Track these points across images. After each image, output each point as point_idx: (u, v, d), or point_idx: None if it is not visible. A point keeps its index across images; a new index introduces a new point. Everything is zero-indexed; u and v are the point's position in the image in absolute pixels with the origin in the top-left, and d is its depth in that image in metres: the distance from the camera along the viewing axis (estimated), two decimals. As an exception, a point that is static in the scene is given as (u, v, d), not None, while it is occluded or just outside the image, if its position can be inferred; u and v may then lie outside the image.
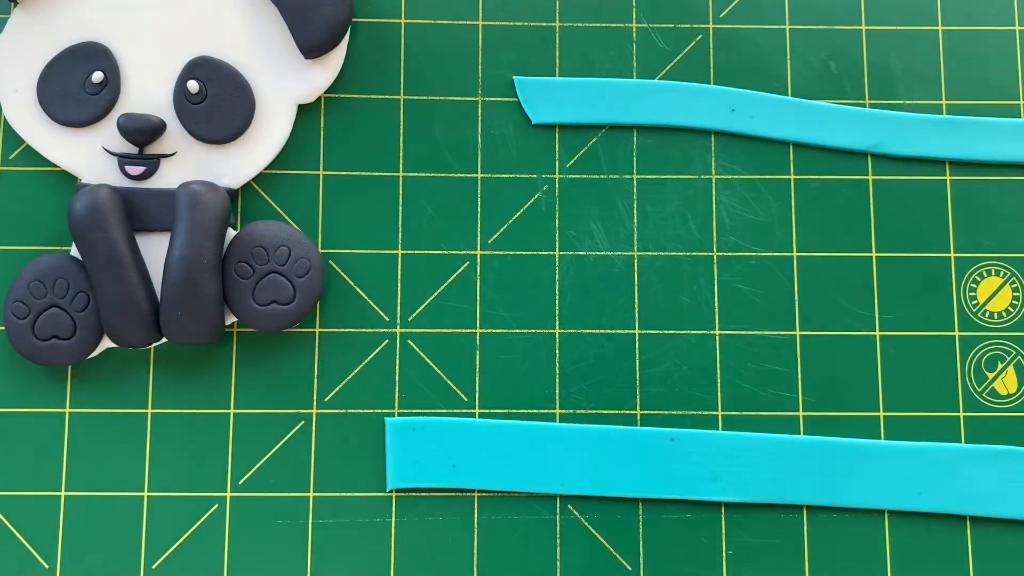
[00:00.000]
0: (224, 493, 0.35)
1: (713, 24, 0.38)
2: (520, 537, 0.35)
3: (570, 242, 0.37)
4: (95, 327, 0.35)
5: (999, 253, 0.37)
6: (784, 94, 0.38)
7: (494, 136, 0.37)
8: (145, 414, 0.36)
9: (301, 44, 0.36)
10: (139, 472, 0.35)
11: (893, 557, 0.35)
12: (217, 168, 0.36)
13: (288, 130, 0.37)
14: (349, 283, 0.36)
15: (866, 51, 0.38)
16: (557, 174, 0.37)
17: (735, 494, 0.35)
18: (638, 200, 0.37)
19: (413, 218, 0.37)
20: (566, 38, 0.38)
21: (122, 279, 0.34)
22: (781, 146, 0.38)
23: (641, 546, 0.35)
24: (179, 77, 0.36)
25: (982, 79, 0.38)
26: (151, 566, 0.35)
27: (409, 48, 0.38)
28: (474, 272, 0.37)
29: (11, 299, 0.35)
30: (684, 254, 0.37)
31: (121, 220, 0.34)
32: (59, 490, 0.35)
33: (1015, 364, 0.36)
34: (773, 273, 0.37)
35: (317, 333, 0.36)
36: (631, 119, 0.37)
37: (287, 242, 0.35)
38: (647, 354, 0.36)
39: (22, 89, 0.36)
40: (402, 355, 0.36)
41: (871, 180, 0.37)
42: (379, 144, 0.37)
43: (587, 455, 0.35)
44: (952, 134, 0.37)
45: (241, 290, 0.35)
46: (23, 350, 0.34)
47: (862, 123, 0.37)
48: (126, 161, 0.36)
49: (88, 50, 0.36)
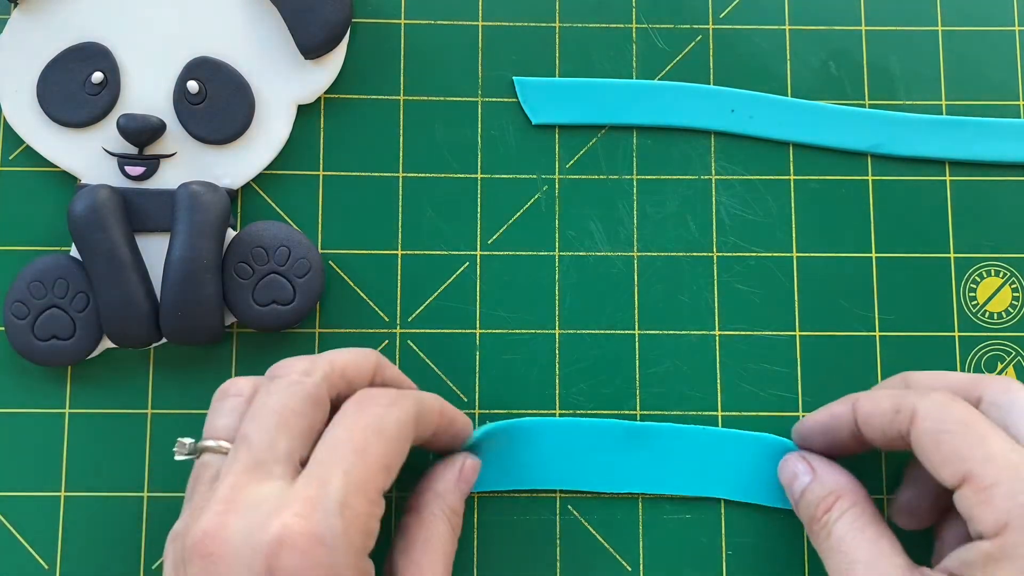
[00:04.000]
0: (224, 493, 0.35)
1: (713, 24, 0.38)
2: (520, 537, 0.35)
3: (570, 242, 0.37)
4: (95, 327, 0.35)
5: (999, 253, 0.37)
6: (784, 94, 0.38)
7: (494, 136, 0.37)
8: (145, 414, 0.36)
9: (301, 44, 0.36)
10: (139, 472, 0.35)
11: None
12: (217, 168, 0.36)
13: (288, 130, 0.37)
14: (349, 283, 0.36)
15: (866, 51, 0.38)
16: (557, 174, 0.37)
17: (735, 493, 0.35)
18: (638, 200, 0.37)
19: (413, 218, 0.37)
20: (566, 38, 0.38)
21: (122, 279, 0.34)
22: (781, 146, 0.38)
23: (641, 546, 0.35)
24: (179, 77, 0.36)
25: (982, 79, 0.38)
26: (151, 566, 0.35)
27: (409, 48, 0.38)
28: (474, 272, 0.37)
29: (11, 299, 0.35)
30: (684, 254, 0.37)
31: (121, 220, 0.34)
32: (59, 490, 0.35)
33: (1015, 365, 0.36)
34: (773, 273, 0.37)
35: (317, 333, 0.36)
36: (631, 119, 0.37)
37: (287, 242, 0.35)
38: (647, 354, 0.36)
39: (22, 89, 0.36)
40: (402, 355, 0.36)
41: (871, 180, 0.37)
42: (379, 144, 0.37)
43: (587, 451, 0.35)
44: (952, 134, 0.37)
45: (241, 290, 0.35)
46: (23, 350, 0.34)
47: (862, 123, 0.37)
48: (126, 161, 0.36)
49: (88, 50, 0.36)
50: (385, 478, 0.27)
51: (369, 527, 0.26)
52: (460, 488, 0.32)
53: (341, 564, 0.25)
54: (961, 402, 0.29)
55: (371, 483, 0.26)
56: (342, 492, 0.26)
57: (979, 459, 0.27)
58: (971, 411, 0.28)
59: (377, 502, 0.27)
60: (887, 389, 0.32)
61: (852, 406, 0.31)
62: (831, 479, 0.32)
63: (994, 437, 0.27)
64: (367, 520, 0.26)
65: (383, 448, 0.27)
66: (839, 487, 0.31)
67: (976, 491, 0.27)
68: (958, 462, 0.27)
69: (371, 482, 0.26)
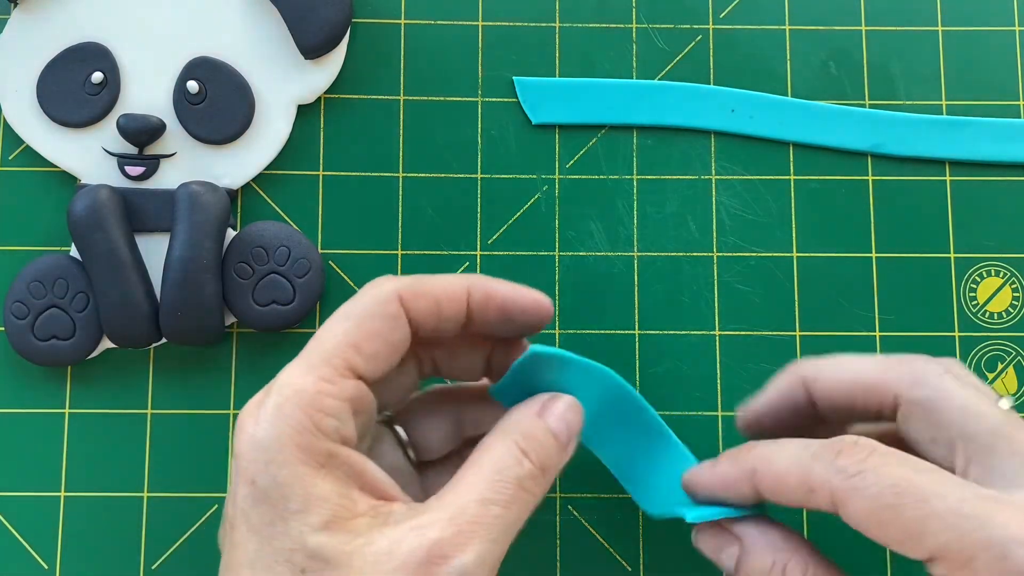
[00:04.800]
0: (223, 494, 0.35)
1: (713, 24, 0.38)
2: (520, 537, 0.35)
3: (570, 243, 0.37)
4: (95, 327, 0.35)
5: (999, 253, 0.37)
6: (784, 94, 0.38)
7: (494, 136, 0.37)
8: (145, 414, 0.36)
9: (301, 44, 0.36)
10: (139, 472, 0.35)
11: (893, 557, 0.35)
12: (217, 168, 0.36)
13: (288, 130, 0.37)
14: (349, 283, 0.36)
15: (866, 51, 0.38)
16: (557, 174, 0.37)
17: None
18: (638, 200, 0.37)
19: (413, 218, 0.37)
20: (566, 38, 0.38)
21: (122, 279, 0.34)
22: (781, 146, 0.38)
23: (641, 546, 0.35)
24: (179, 77, 0.36)
25: (982, 79, 0.38)
26: (151, 566, 0.35)
27: (409, 48, 0.38)
28: (474, 272, 0.37)
29: (11, 299, 0.35)
30: (684, 254, 0.37)
31: (121, 220, 0.34)
32: (59, 491, 0.35)
33: (1015, 365, 0.36)
34: (773, 273, 0.37)
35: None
36: (631, 119, 0.37)
37: (287, 242, 0.35)
38: (647, 354, 0.36)
39: (22, 89, 0.36)
40: (402, 355, 0.36)
41: (871, 180, 0.37)
42: (379, 144, 0.37)
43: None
44: (952, 134, 0.37)
45: (241, 290, 0.35)
46: (23, 350, 0.34)
47: (862, 123, 0.37)
48: (126, 161, 0.36)
49: (88, 50, 0.36)
50: (352, 354, 0.25)
51: (317, 403, 0.24)
52: (545, 423, 0.26)
53: (274, 450, 0.23)
54: (876, 454, 0.24)
55: (323, 362, 0.25)
56: (282, 376, 0.25)
57: (937, 531, 0.23)
58: (895, 464, 0.24)
59: (332, 379, 0.25)
60: (785, 444, 0.26)
61: (800, 379, 0.28)
62: (764, 545, 0.27)
63: (937, 494, 0.23)
64: (312, 397, 0.24)
65: (344, 326, 0.26)
66: (779, 551, 0.26)
67: (954, 570, 0.23)
68: (915, 541, 0.23)
69: (323, 361, 0.25)
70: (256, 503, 0.24)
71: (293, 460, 0.24)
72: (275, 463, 0.24)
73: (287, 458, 0.24)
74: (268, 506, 0.23)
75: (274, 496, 0.23)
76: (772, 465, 0.26)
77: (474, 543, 0.24)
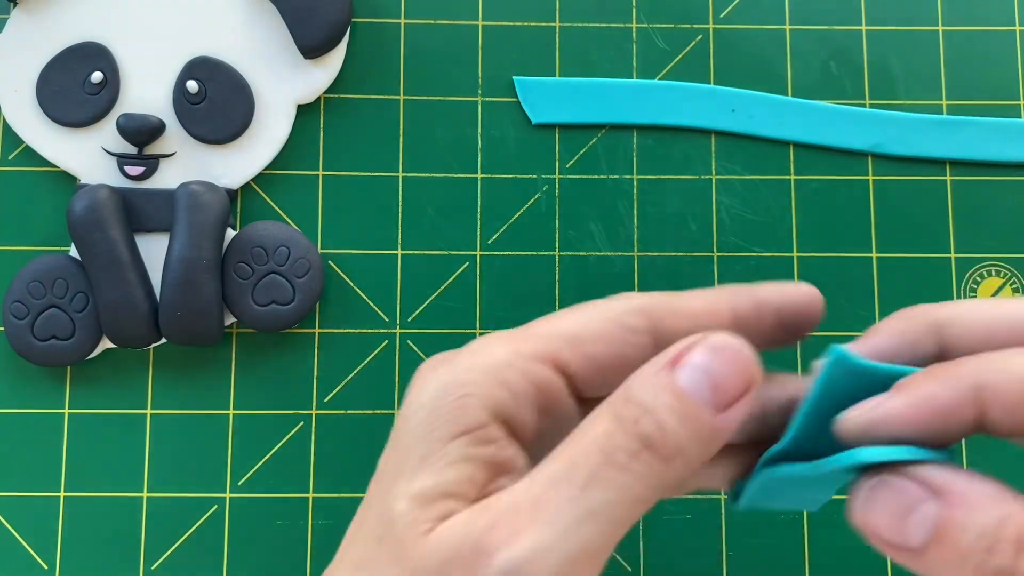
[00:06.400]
0: (224, 494, 0.35)
1: (713, 24, 0.38)
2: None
3: (570, 243, 0.37)
4: (94, 327, 0.35)
5: (999, 253, 0.37)
6: (784, 94, 0.38)
7: (494, 136, 0.37)
8: (144, 414, 0.35)
9: (301, 44, 0.36)
10: (139, 472, 0.35)
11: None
12: (216, 168, 0.36)
13: (287, 130, 0.37)
14: (349, 283, 0.36)
15: (866, 51, 0.38)
16: (557, 174, 0.37)
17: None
18: (638, 200, 0.37)
19: (413, 218, 0.37)
20: (566, 38, 0.38)
21: (121, 279, 0.34)
22: (781, 146, 0.38)
23: (641, 546, 0.35)
24: (178, 77, 0.36)
25: (982, 79, 0.38)
26: (151, 566, 0.35)
27: (409, 48, 0.38)
28: (474, 272, 0.37)
29: (10, 299, 0.35)
30: (684, 254, 0.37)
31: (120, 220, 0.34)
32: (58, 491, 0.35)
33: (1015, 364, 0.36)
34: (773, 273, 0.37)
35: (316, 333, 0.36)
36: (631, 119, 0.37)
37: (286, 242, 0.35)
38: (647, 354, 0.36)
39: (22, 89, 0.36)
40: (402, 355, 0.36)
41: (871, 180, 0.37)
42: (379, 144, 0.37)
43: None
44: (952, 134, 0.37)
45: (241, 290, 0.35)
46: (22, 350, 0.34)
47: (862, 123, 0.37)
48: (125, 161, 0.35)
49: (87, 50, 0.36)
50: (561, 345, 0.22)
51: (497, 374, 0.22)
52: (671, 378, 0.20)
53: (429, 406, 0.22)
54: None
55: (527, 339, 0.23)
56: (483, 339, 0.23)
57: None
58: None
59: (527, 358, 0.22)
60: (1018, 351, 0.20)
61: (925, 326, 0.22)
62: (983, 495, 0.18)
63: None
64: (495, 365, 0.22)
65: (573, 316, 0.23)
66: (1004, 503, 0.18)
67: None
68: None
69: (528, 338, 0.23)
70: (390, 450, 0.22)
71: (444, 421, 0.21)
72: (423, 418, 0.21)
73: (437, 418, 0.21)
74: (395, 455, 0.21)
75: (402, 445, 0.21)
76: (1010, 375, 0.19)
77: (530, 532, 0.19)
